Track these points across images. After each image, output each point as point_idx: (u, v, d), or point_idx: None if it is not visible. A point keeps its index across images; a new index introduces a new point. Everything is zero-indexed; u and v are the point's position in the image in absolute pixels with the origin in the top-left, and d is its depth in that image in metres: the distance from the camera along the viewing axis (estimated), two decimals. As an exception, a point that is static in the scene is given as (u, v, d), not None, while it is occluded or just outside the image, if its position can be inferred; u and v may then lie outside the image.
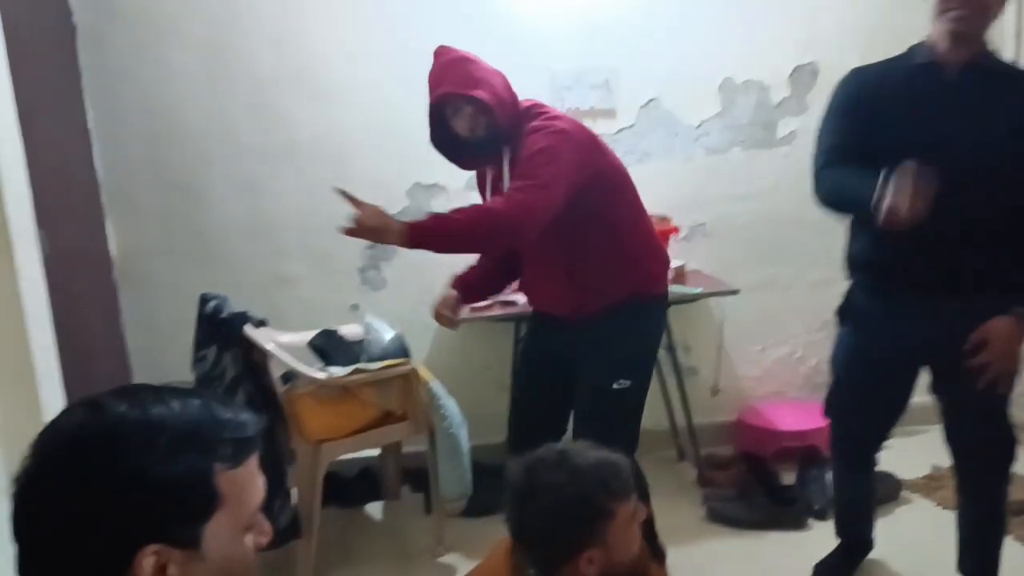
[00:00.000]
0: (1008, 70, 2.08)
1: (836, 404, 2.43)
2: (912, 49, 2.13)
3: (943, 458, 3.26)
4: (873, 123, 2.10)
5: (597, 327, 2.36)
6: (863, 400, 2.36)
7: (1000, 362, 2.05)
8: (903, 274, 2.15)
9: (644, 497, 2.29)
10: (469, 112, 2.23)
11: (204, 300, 2.70)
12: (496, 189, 2.31)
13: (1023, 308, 2.05)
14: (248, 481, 0.97)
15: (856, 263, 2.28)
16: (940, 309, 2.10)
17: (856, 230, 2.27)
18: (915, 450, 3.30)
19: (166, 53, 3.18)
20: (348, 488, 3.29)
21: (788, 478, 3.21)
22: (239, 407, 0.99)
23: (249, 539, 0.98)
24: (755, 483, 3.13)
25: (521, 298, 3.15)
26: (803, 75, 3.44)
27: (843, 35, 3.42)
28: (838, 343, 2.40)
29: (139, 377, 3.33)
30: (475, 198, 2.53)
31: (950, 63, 2.04)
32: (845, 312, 2.35)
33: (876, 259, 2.20)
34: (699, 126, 3.46)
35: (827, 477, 3.11)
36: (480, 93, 2.20)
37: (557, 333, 2.45)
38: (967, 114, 2.02)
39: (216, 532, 0.91)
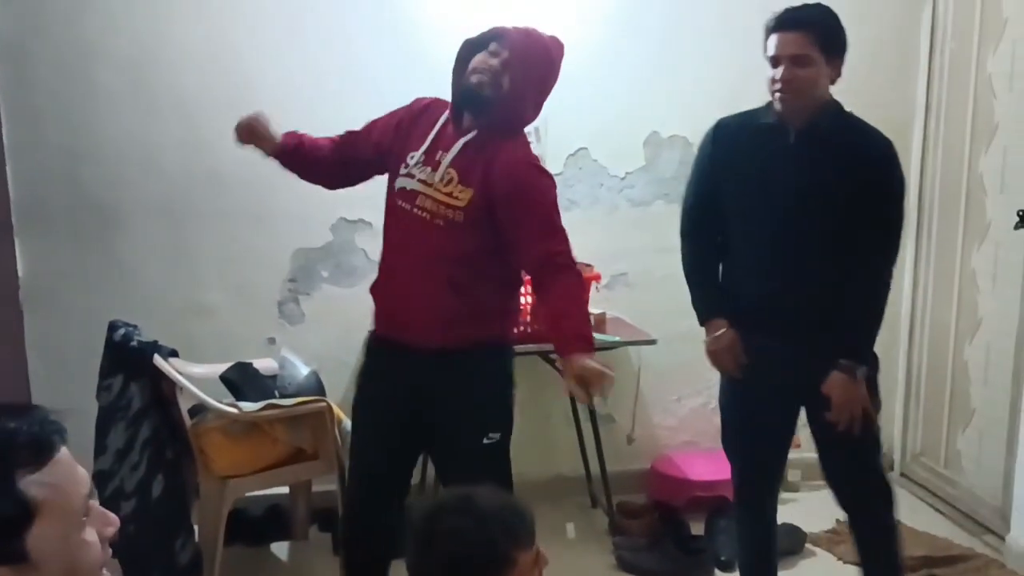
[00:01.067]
0: (843, 132, 2.22)
1: (725, 443, 2.53)
2: (768, 103, 2.30)
3: (846, 513, 3.35)
4: (724, 176, 2.34)
5: (467, 365, 2.18)
6: (743, 436, 2.47)
7: (844, 413, 2.20)
8: (757, 319, 2.31)
9: None
10: (495, 64, 2.11)
11: (113, 327, 2.62)
12: (433, 149, 2.18)
13: (848, 362, 2.20)
14: (63, 477, 0.92)
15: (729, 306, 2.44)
16: (793, 353, 2.24)
17: (725, 275, 2.43)
18: (820, 504, 3.37)
19: (90, 71, 3.12)
20: (255, 526, 3.20)
21: (699, 528, 3.24)
22: (30, 408, 0.95)
23: (90, 532, 0.94)
24: (666, 532, 3.16)
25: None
26: (726, 134, 3.54)
27: (765, 95, 3.53)
28: (721, 382, 2.51)
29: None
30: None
31: (790, 125, 2.23)
32: None
33: (738, 305, 2.36)
34: (624, 178, 3.53)
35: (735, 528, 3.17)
36: (514, 59, 2.11)
37: (410, 367, 2.19)
38: (802, 176, 2.20)
39: (43, 537, 0.88)
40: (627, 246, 3.54)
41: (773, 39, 2.18)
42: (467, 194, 2.13)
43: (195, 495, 2.77)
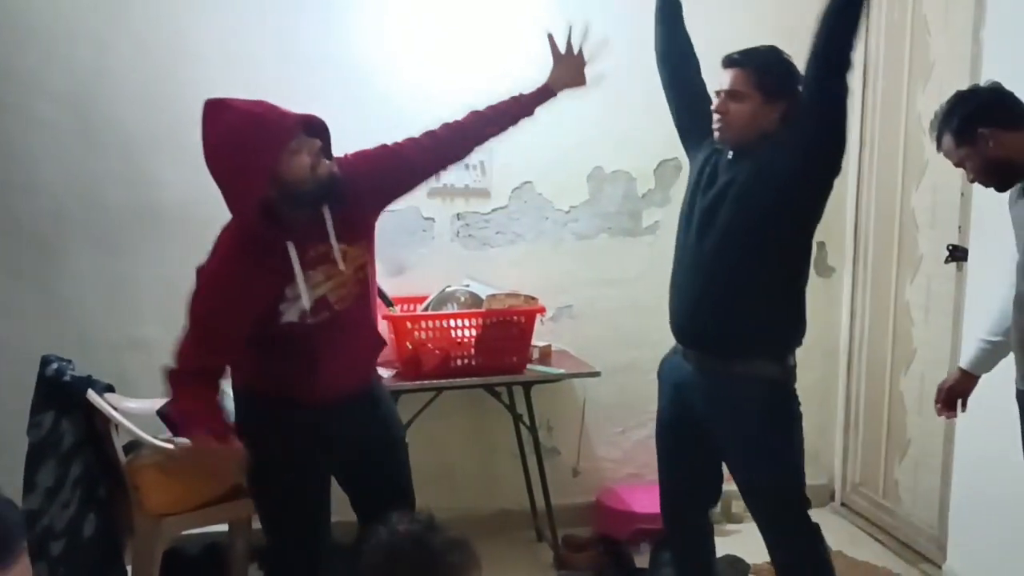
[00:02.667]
0: (772, 151, 2.21)
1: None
2: None
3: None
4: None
5: (379, 386, 2.38)
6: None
7: None
8: (679, 333, 2.45)
9: None
10: (312, 139, 2.00)
11: (45, 362, 2.56)
12: (322, 260, 2.07)
13: None
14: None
15: None
16: (704, 370, 2.34)
17: None
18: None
19: (28, 103, 3.07)
20: (191, 566, 3.12)
21: (643, 561, 3.24)
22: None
23: None
24: (611, 565, 3.15)
25: (386, 371, 3.11)
26: (667, 170, 3.60)
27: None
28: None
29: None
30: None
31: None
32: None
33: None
34: (569, 211, 3.56)
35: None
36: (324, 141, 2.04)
37: (349, 415, 2.20)
38: (731, 190, 2.24)
39: None
40: (572, 279, 3.57)
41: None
42: (363, 248, 2.15)
43: (129, 534, 2.69)
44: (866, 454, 3.78)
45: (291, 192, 1.96)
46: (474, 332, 3.08)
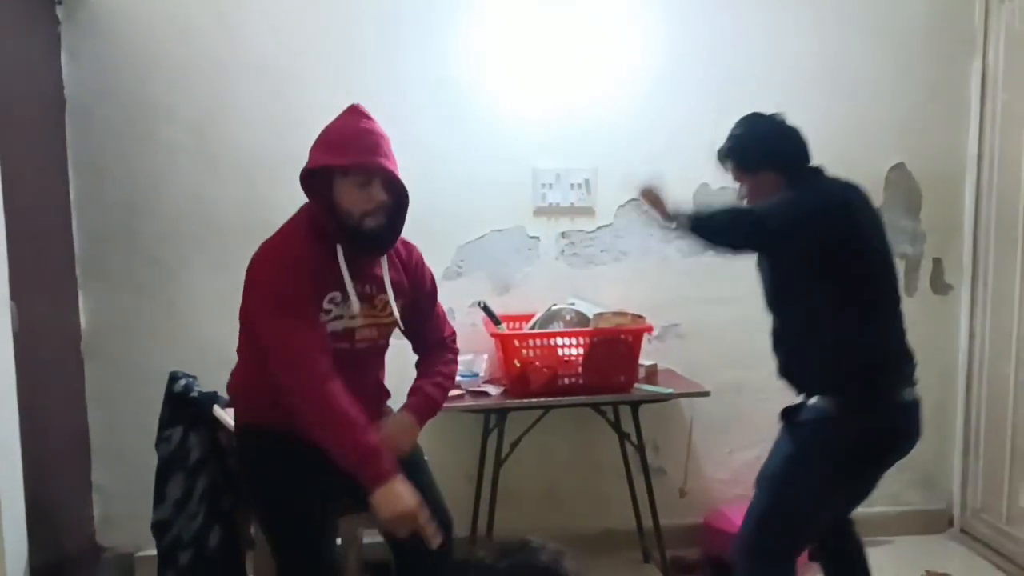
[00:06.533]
0: None
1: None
2: None
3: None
4: None
5: None
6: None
7: None
8: None
9: None
10: (383, 203, 2.14)
11: (173, 378, 2.66)
12: (366, 296, 2.21)
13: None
14: None
15: None
16: None
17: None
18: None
19: (154, 129, 3.21)
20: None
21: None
22: None
23: None
24: (720, 589, 3.10)
25: (494, 389, 3.14)
26: (776, 185, 3.54)
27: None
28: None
29: (96, 455, 3.25)
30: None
31: None
32: None
33: None
34: (675, 228, 3.52)
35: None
36: (391, 195, 2.17)
37: None
38: None
39: None
40: (678, 297, 3.54)
41: None
42: (398, 305, 2.28)
43: (250, 546, 2.77)
44: (988, 478, 3.62)
45: (335, 213, 2.14)
46: (581, 351, 3.08)
